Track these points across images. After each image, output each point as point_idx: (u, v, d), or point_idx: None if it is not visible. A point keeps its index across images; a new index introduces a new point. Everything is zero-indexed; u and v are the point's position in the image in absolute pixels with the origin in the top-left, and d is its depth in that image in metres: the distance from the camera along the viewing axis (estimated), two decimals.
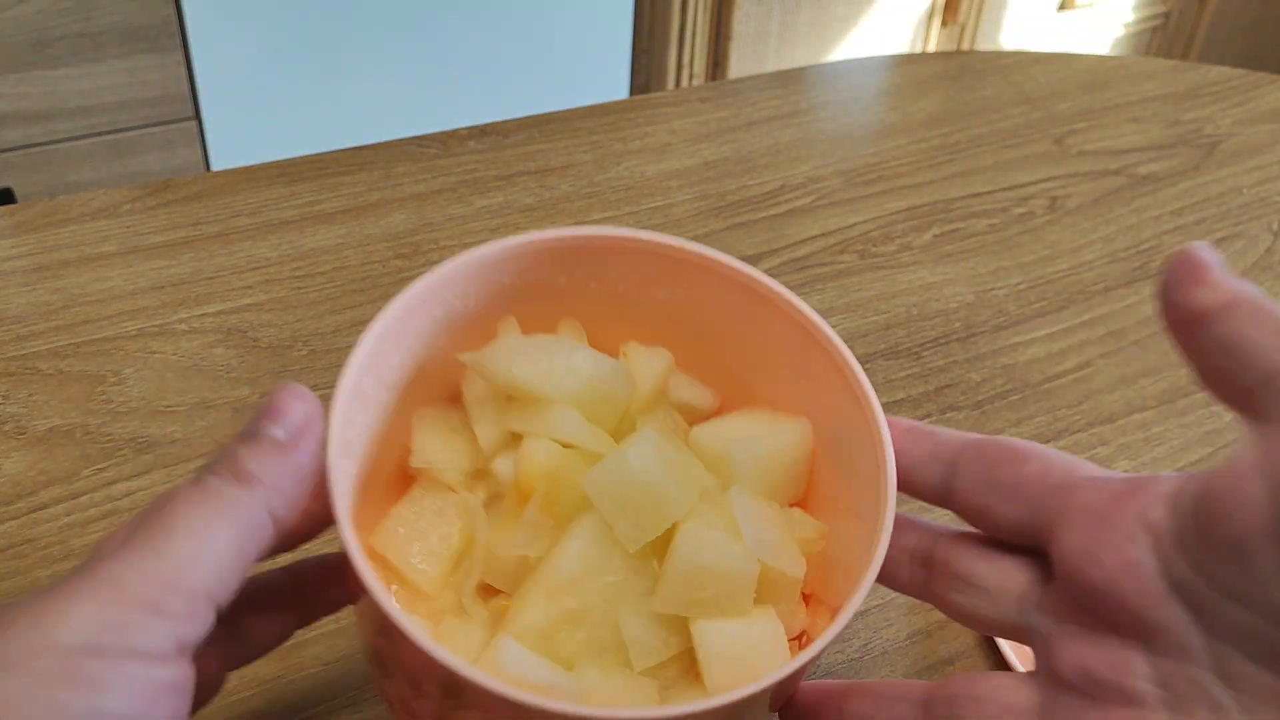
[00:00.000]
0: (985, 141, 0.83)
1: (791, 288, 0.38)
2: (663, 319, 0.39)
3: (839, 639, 0.44)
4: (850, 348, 0.35)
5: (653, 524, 0.33)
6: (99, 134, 1.30)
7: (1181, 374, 0.60)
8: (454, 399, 0.37)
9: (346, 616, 0.36)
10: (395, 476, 0.36)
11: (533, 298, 0.37)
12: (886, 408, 0.55)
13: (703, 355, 0.39)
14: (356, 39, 1.39)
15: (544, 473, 0.33)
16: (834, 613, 0.32)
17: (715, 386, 0.40)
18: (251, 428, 0.28)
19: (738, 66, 1.70)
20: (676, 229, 0.69)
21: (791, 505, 0.38)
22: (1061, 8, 2.03)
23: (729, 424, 0.38)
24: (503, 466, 0.35)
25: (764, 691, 0.29)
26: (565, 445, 0.34)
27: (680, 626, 0.33)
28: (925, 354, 0.60)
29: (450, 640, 0.33)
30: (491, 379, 0.35)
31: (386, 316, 0.32)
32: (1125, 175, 0.79)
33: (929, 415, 0.55)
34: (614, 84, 1.67)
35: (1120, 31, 2.15)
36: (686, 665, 0.34)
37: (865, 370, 0.35)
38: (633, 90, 1.71)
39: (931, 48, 1.92)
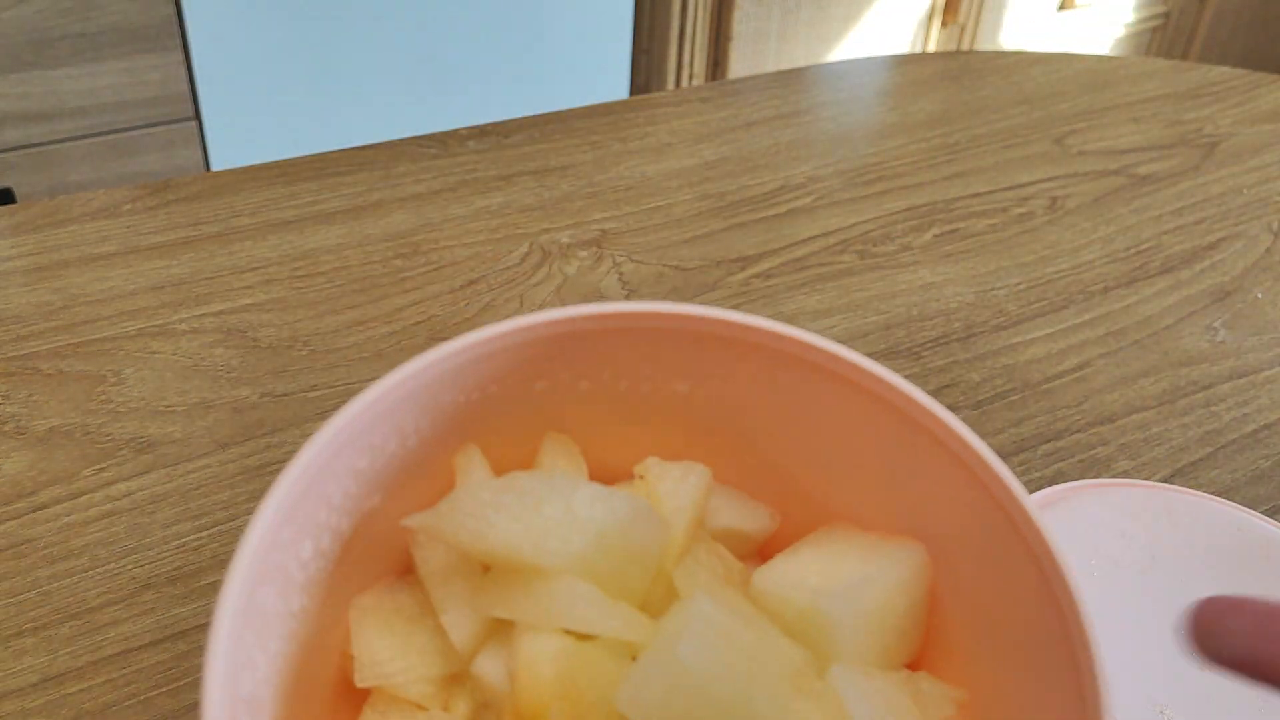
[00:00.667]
0: (985, 141, 0.82)
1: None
2: (688, 419, 0.29)
3: None
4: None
5: None
6: (99, 134, 1.30)
7: (1181, 374, 0.60)
8: (405, 572, 0.27)
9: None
10: (336, 697, 0.26)
11: (499, 414, 0.27)
12: None
13: (750, 463, 0.30)
14: (356, 39, 1.39)
15: (557, 685, 0.24)
16: None
17: (772, 502, 0.30)
18: None
19: (738, 66, 1.70)
20: (676, 229, 0.69)
21: (909, 666, 0.28)
22: (1061, 8, 2.03)
23: (805, 560, 0.28)
24: (489, 668, 0.25)
25: None
26: (579, 637, 0.24)
27: None
28: (925, 354, 0.60)
29: None
30: (457, 547, 0.25)
31: (281, 491, 0.23)
32: (1125, 175, 0.79)
33: None
34: (614, 84, 1.67)
35: (1120, 31, 2.15)
36: None
37: None
38: (633, 90, 1.71)
39: (931, 48, 1.92)
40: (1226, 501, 0.50)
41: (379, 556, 0.27)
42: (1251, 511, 0.49)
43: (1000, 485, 0.25)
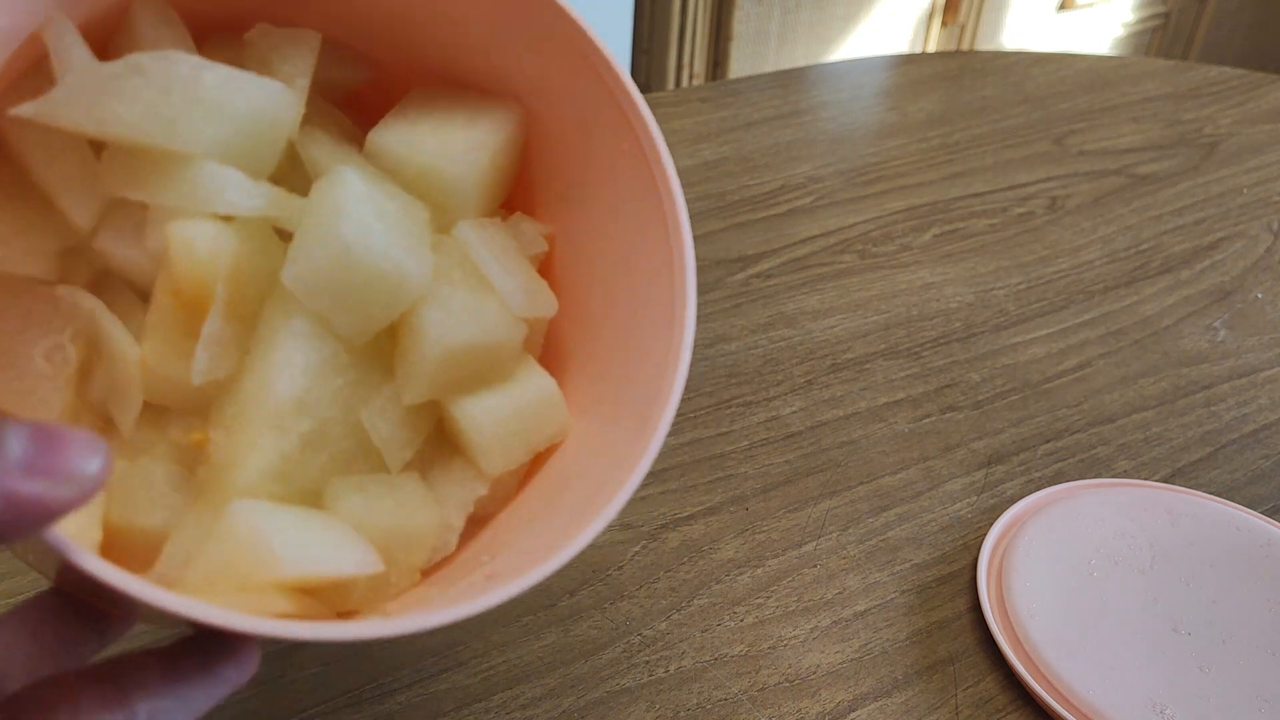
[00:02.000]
0: (985, 141, 0.82)
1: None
2: None
3: (839, 639, 0.44)
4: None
5: (386, 311, 0.25)
6: None
7: (1181, 374, 0.60)
8: None
9: None
10: None
11: None
12: (886, 408, 0.55)
13: (348, 16, 0.29)
14: None
15: (218, 264, 0.24)
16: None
17: (370, 50, 0.31)
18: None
19: (738, 66, 1.70)
20: None
21: (504, 207, 0.31)
22: (1061, 8, 2.03)
23: (416, 120, 0.29)
24: (119, 246, 0.25)
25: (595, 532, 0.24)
26: (223, 218, 0.25)
27: (428, 406, 0.27)
28: (925, 354, 0.60)
29: (129, 491, 0.25)
30: (80, 134, 0.24)
31: None
32: (1125, 175, 0.79)
33: (929, 415, 0.55)
34: None
35: (1120, 31, 2.15)
36: (437, 439, 0.28)
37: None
38: None
39: (931, 48, 1.92)
40: (1226, 501, 0.50)
41: None
42: (1251, 511, 0.49)
43: (606, 66, 0.28)
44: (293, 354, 0.25)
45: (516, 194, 0.32)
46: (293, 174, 0.27)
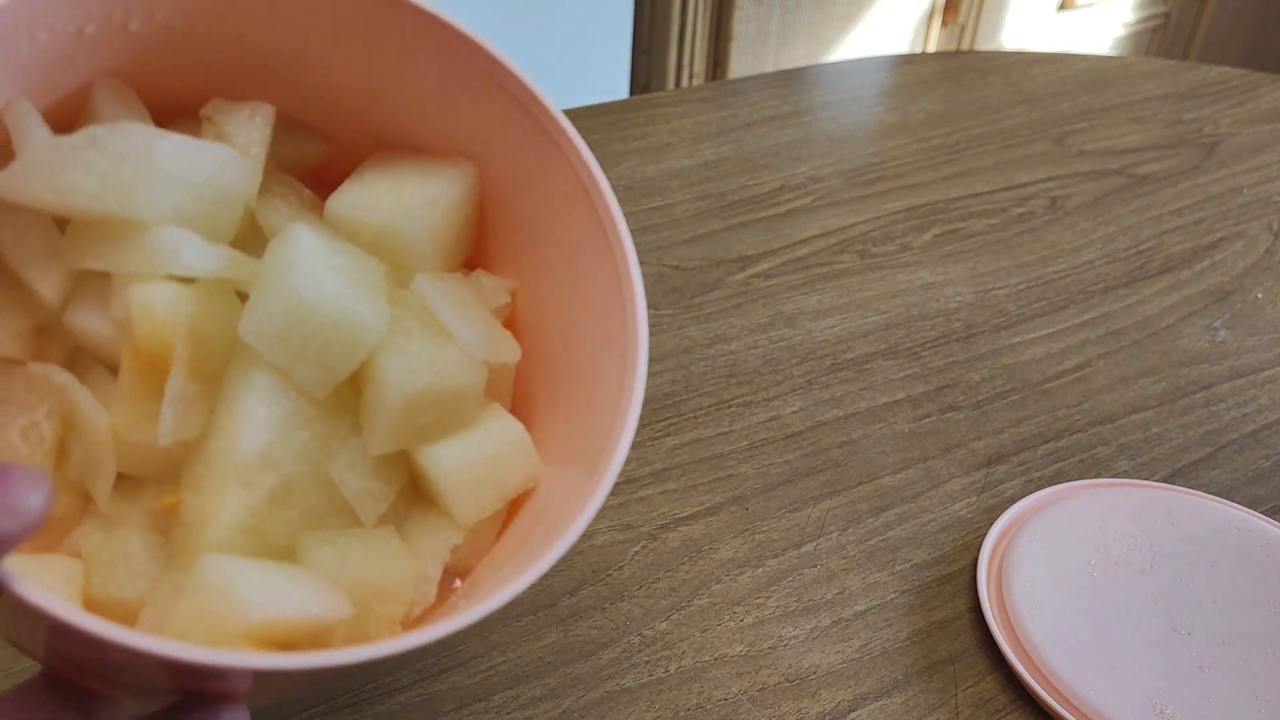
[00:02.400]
0: (985, 141, 0.83)
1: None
2: (243, 56, 0.29)
3: (839, 639, 0.44)
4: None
5: (345, 363, 0.26)
6: None
7: (1181, 374, 0.60)
8: None
9: None
10: None
11: (48, 64, 0.25)
12: (887, 408, 0.55)
13: (303, 94, 0.30)
14: None
15: (177, 325, 0.25)
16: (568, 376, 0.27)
17: (326, 129, 0.32)
18: None
19: (738, 66, 1.70)
20: (677, 229, 0.69)
21: (465, 265, 0.32)
22: (1061, 8, 2.03)
23: (372, 184, 0.30)
24: (86, 319, 0.26)
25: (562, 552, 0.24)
26: (183, 281, 0.25)
27: (399, 459, 0.28)
28: (925, 354, 0.60)
29: (107, 563, 0.25)
30: (40, 208, 0.24)
31: None
32: (1125, 175, 0.79)
33: (929, 415, 0.55)
34: (614, 84, 1.67)
35: (1120, 31, 2.15)
36: (412, 493, 0.29)
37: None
38: (633, 90, 1.71)
39: (931, 48, 1.92)
40: (1226, 501, 0.50)
41: None
42: (1251, 511, 0.49)
43: (544, 113, 0.28)
44: (255, 408, 0.25)
45: (478, 252, 0.32)
46: (254, 241, 0.28)
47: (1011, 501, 0.50)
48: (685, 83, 1.70)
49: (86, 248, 0.25)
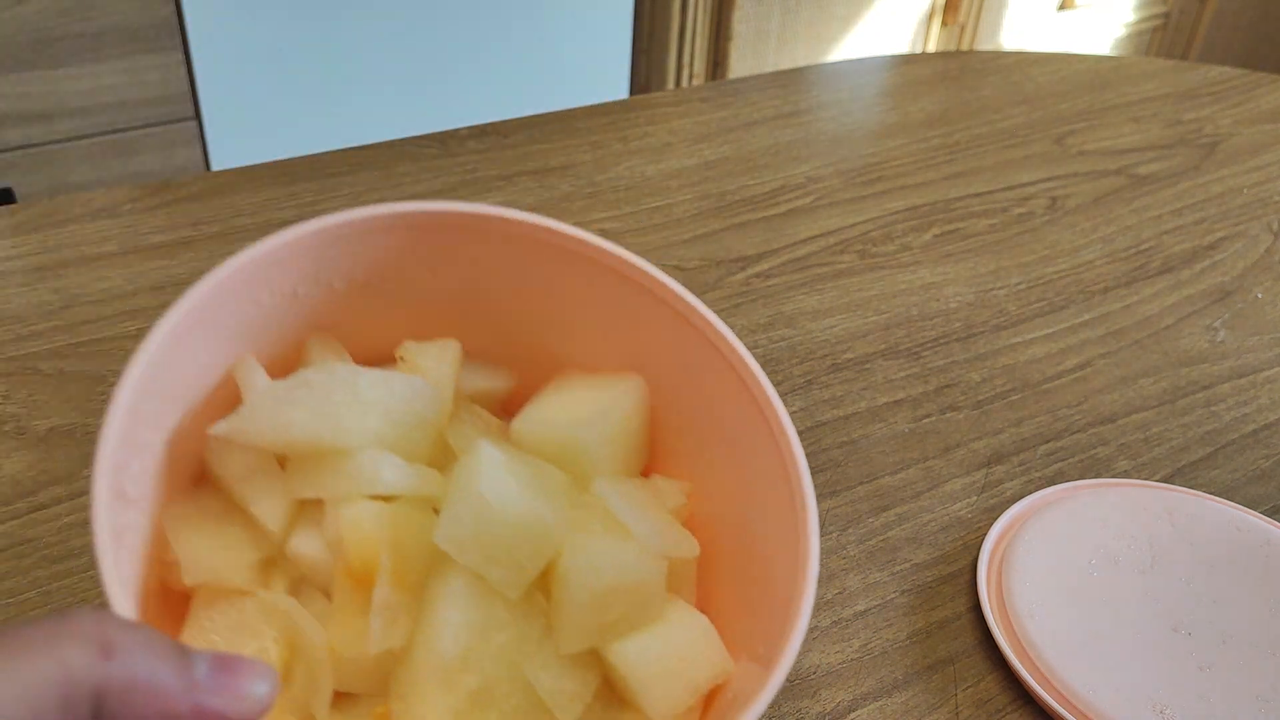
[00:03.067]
0: (985, 141, 0.82)
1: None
2: (434, 304, 0.33)
3: (839, 639, 0.44)
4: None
5: (533, 561, 0.28)
6: (99, 134, 1.29)
7: (1181, 374, 0.60)
8: (199, 481, 0.30)
9: None
10: (160, 603, 0.28)
11: (269, 323, 0.30)
12: (886, 408, 0.55)
13: (490, 333, 0.34)
14: (357, 39, 1.39)
15: (382, 538, 0.27)
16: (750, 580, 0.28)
17: (511, 364, 0.35)
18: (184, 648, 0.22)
19: (738, 66, 1.70)
20: (677, 229, 0.69)
21: (643, 474, 0.34)
22: (1061, 8, 2.03)
23: (552, 404, 0.33)
24: (304, 546, 0.28)
25: None
26: (386, 499, 0.28)
27: (593, 657, 0.29)
28: (925, 354, 0.59)
29: None
30: (263, 445, 0.28)
31: (117, 413, 0.26)
32: (1125, 175, 0.79)
33: (929, 415, 0.55)
34: (614, 84, 1.67)
35: (1120, 31, 2.15)
36: (607, 693, 0.30)
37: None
38: (633, 90, 1.70)
39: (931, 48, 1.92)
40: (1226, 501, 0.50)
41: (178, 470, 0.29)
42: (1251, 511, 0.49)
43: (705, 324, 0.31)
44: (453, 612, 0.27)
45: (653, 458, 0.35)
46: (447, 462, 0.31)
47: (1011, 501, 0.50)
48: (685, 83, 1.69)
49: (303, 479, 0.28)
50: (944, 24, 1.90)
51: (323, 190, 0.70)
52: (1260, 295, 0.67)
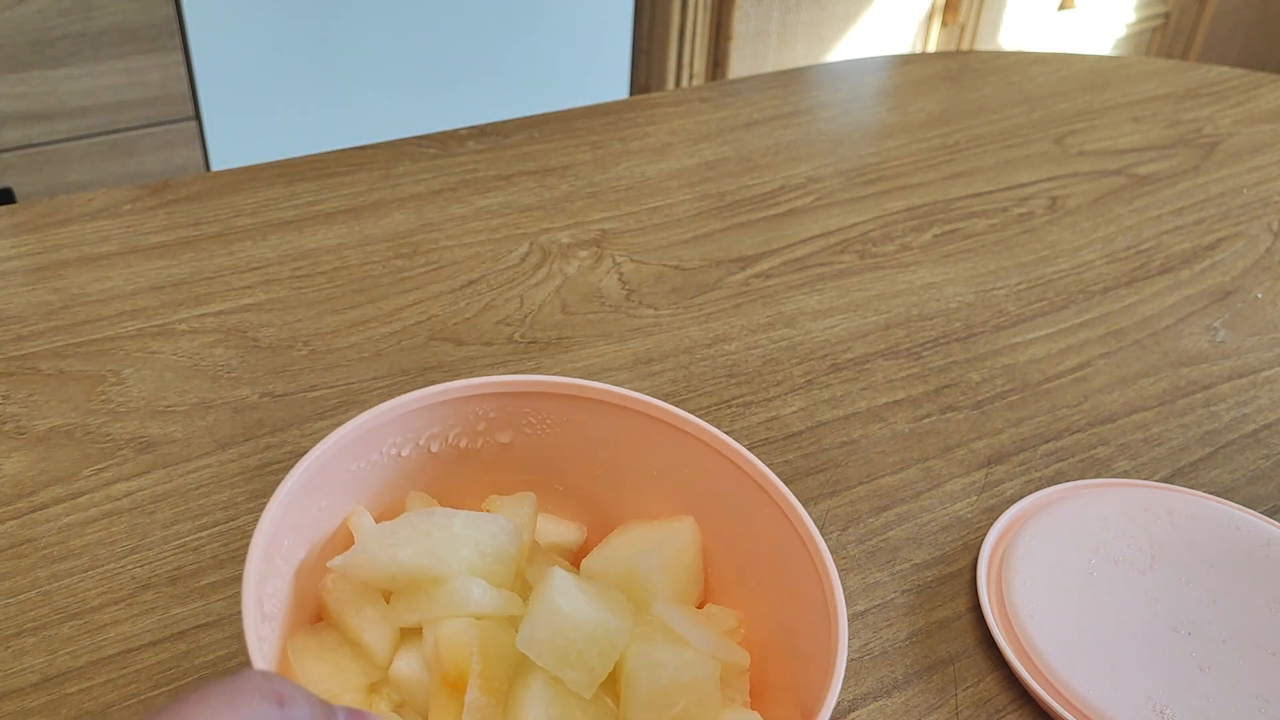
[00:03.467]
0: (985, 141, 0.83)
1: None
2: (509, 463, 0.39)
3: None
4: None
5: (602, 662, 0.32)
6: (99, 134, 1.29)
7: (1181, 374, 0.60)
8: (316, 620, 0.36)
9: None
10: None
11: (374, 479, 0.36)
12: (886, 408, 0.55)
13: (559, 491, 0.40)
14: (356, 39, 1.39)
15: (473, 650, 0.32)
16: (803, 706, 0.32)
17: (577, 518, 0.40)
18: None
19: (738, 66, 1.70)
20: (676, 229, 0.69)
21: (697, 607, 0.38)
22: (1061, 8, 2.03)
23: (614, 546, 0.38)
24: (407, 668, 0.33)
25: None
26: (477, 619, 0.33)
27: None
28: (925, 354, 0.60)
29: None
30: (373, 576, 0.34)
31: (262, 538, 0.31)
32: (1125, 175, 0.79)
33: (929, 415, 0.55)
34: (614, 84, 1.67)
35: (1120, 31, 2.15)
36: None
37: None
38: (633, 90, 1.71)
39: (931, 48, 1.92)
40: (1227, 501, 0.50)
41: (302, 602, 0.35)
42: (1251, 511, 0.49)
43: (750, 465, 0.36)
44: (535, 709, 0.31)
45: (706, 592, 0.39)
46: (525, 595, 0.36)
47: (1011, 501, 0.50)
48: (685, 83, 1.69)
49: (406, 606, 0.33)
50: (944, 24, 1.90)
51: (323, 190, 0.70)
52: (1260, 295, 0.67)
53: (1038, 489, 0.51)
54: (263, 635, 0.30)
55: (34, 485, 0.47)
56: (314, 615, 0.36)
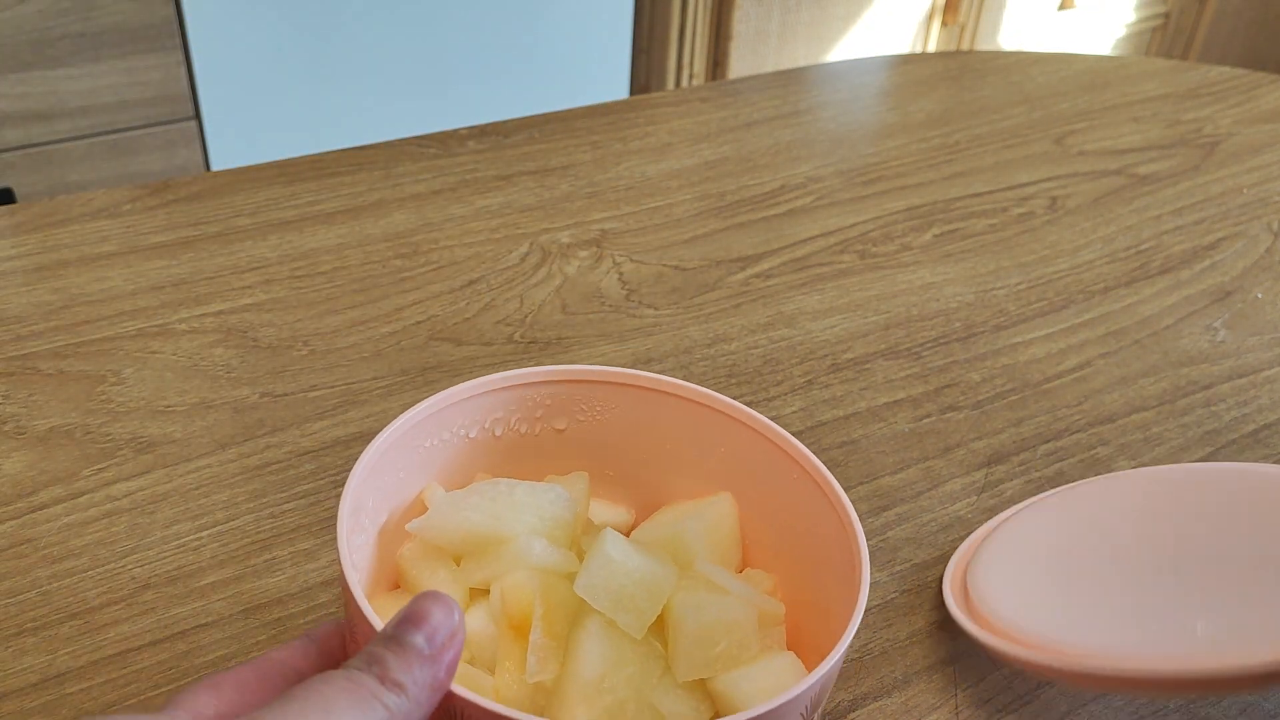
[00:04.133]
0: (985, 141, 0.83)
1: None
2: (564, 449, 0.42)
3: None
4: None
5: (651, 606, 0.35)
6: (99, 134, 1.30)
7: (1181, 374, 0.60)
8: (393, 586, 0.39)
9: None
10: None
11: (446, 458, 0.40)
12: (886, 408, 0.55)
13: (609, 475, 0.43)
14: (356, 39, 1.39)
15: (535, 596, 0.35)
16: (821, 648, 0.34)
17: (625, 500, 0.43)
18: (396, 632, 0.28)
19: (738, 66, 1.70)
20: (676, 229, 0.69)
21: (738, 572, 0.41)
22: (1061, 8, 2.03)
23: (660, 521, 0.42)
24: (475, 623, 0.36)
25: (800, 698, 0.31)
26: (539, 571, 0.36)
27: (704, 692, 0.36)
28: (925, 354, 0.60)
29: None
30: (446, 538, 0.38)
31: (351, 493, 0.34)
32: (1125, 175, 0.79)
33: (929, 415, 0.55)
34: (614, 84, 1.67)
35: (1120, 31, 2.15)
36: None
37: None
38: (633, 90, 1.71)
39: (931, 48, 1.92)
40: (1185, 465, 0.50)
41: (383, 563, 0.38)
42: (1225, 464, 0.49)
43: (786, 441, 0.39)
44: (591, 645, 0.35)
45: (744, 561, 0.42)
46: (580, 557, 0.39)
47: (1011, 501, 0.50)
48: (685, 83, 1.69)
49: (475, 566, 0.37)
50: (944, 24, 1.90)
51: (323, 190, 0.70)
52: (1260, 295, 0.67)
53: (1038, 489, 0.51)
54: (352, 581, 0.33)
55: (34, 485, 0.47)
56: (392, 583, 0.39)
